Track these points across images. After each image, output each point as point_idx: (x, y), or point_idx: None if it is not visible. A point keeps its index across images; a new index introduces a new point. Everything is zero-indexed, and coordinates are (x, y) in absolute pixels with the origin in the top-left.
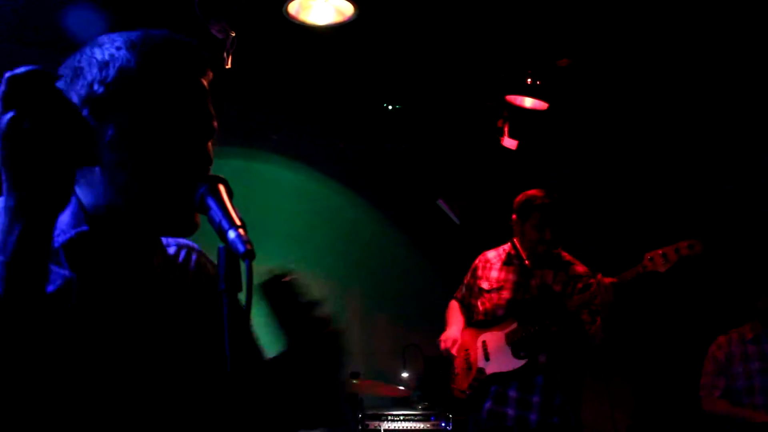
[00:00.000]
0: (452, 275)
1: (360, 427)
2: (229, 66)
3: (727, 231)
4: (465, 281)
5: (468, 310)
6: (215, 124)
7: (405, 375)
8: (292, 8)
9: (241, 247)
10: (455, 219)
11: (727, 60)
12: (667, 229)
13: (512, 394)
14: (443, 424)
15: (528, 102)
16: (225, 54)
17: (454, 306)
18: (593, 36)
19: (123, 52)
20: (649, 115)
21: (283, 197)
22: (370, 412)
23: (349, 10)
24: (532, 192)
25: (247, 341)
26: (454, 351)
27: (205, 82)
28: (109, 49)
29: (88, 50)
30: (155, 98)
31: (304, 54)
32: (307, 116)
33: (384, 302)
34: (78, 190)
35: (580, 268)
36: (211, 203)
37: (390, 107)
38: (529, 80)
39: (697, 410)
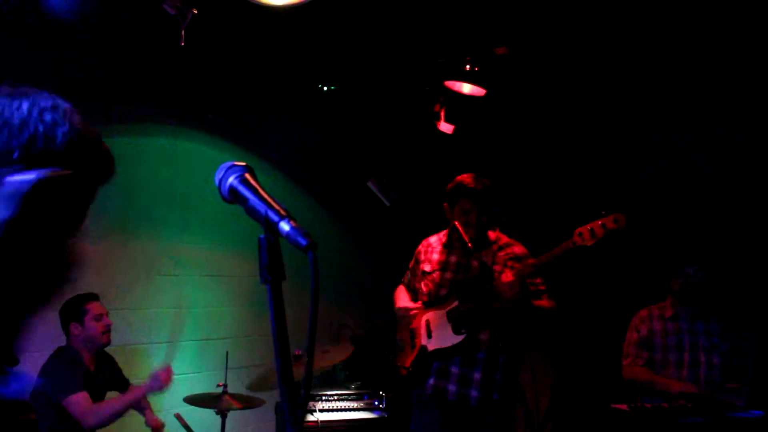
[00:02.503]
0: (383, 257)
1: None
2: (183, 43)
3: (648, 211)
4: (410, 266)
5: (414, 294)
6: None
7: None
8: None
9: (302, 241)
10: (385, 201)
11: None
12: (595, 207)
13: (454, 370)
14: (376, 403)
15: (466, 88)
16: (183, 32)
17: (400, 289)
18: (531, 25)
19: None
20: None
21: (211, 178)
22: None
23: None
24: (459, 178)
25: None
26: (413, 312)
27: None
28: None
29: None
30: None
31: (241, 32)
32: (233, 95)
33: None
34: None
35: (518, 249)
36: (247, 193)
37: (325, 88)
38: (467, 66)
39: (616, 379)
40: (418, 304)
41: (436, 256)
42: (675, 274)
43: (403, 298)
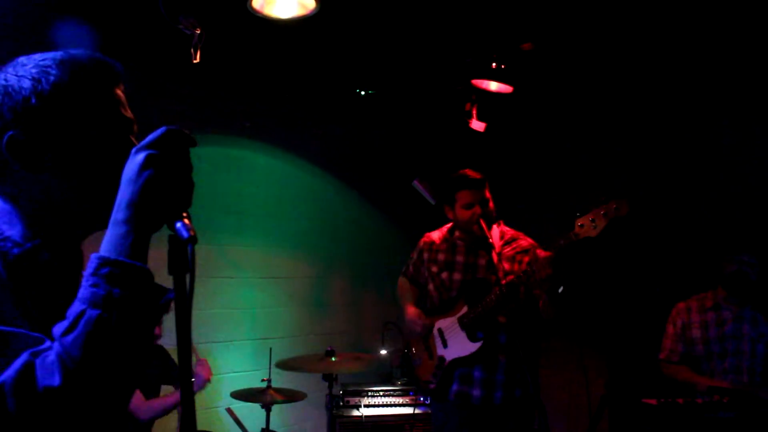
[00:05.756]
0: None
1: (341, 404)
2: (197, 60)
3: (699, 201)
4: (412, 258)
5: (419, 288)
6: (132, 124)
7: (383, 352)
8: (256, 3)
9: (185, 233)
10: (430, 200)
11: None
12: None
13: (477, 374)
14: (422, 398)
15: (493, 86)
16: (192, 49)
17: (402, 284)
18: (556, 20)
19: (54, 69)
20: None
21: (262, 183)
22: (351, 389)
23: (311, 3)
24: (455, 175)
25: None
26: (418, 327)
27: (119, 92)
28: (37, 67)
29: (11, 70)
30: (83, 106)
31: (280, 45)
32: (282, 103)
33: (368, 281)
34: (20, 199)
35: (525, 242)
36: None
37: (363, 93)
38: (494, 64)
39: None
40: (427, 321)
41: (442, 256)
42: (728, 260)
43: (408, 298)
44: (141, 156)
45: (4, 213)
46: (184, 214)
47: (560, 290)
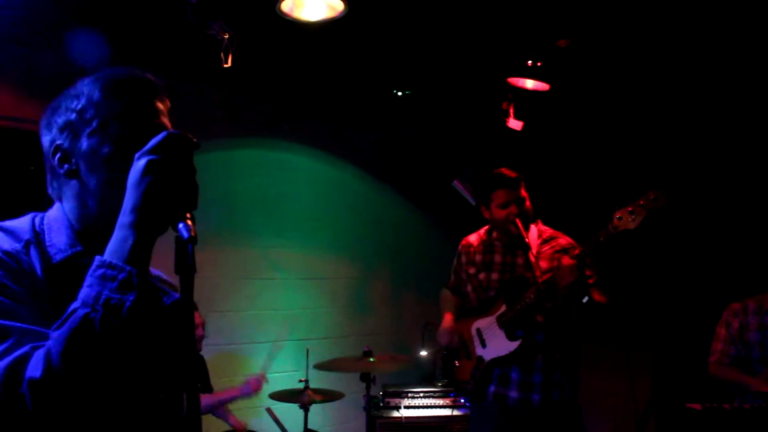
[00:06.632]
0: None
1: (381, 405)
2: (228, 65)
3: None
4: (454, 267)
5: (461, 297)
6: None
7: (423, 353)
8: (285, 6)
9: (185, 234)
10: (471, 200)
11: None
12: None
13: (515, 376)
14: (462, 400)
15: (530, 84)
16: (223, 54)
17: (444, 295)
18: (593, 15)
19: (89, 86)
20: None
21: (303, 184)
22: (390, 390)
23: (339, 5)
24: (490, 174)
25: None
26: (450, 341)
27: (158, 103)
28: (79, 87)
29: (65, 92)
30: (115, 117)
31: (317, 47)
32: (320, 106)
33: (408, 282)
34: (67, 208)
35: (563, 240)
36: None
37: (399, 93)
38: (530, 62)
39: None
40: (453, 331)
41: (479, 257)
42: None
43: (446, 308)
44: (143, 161)
45: (55, 221)
46: (188, 215)
47: (585, 300)
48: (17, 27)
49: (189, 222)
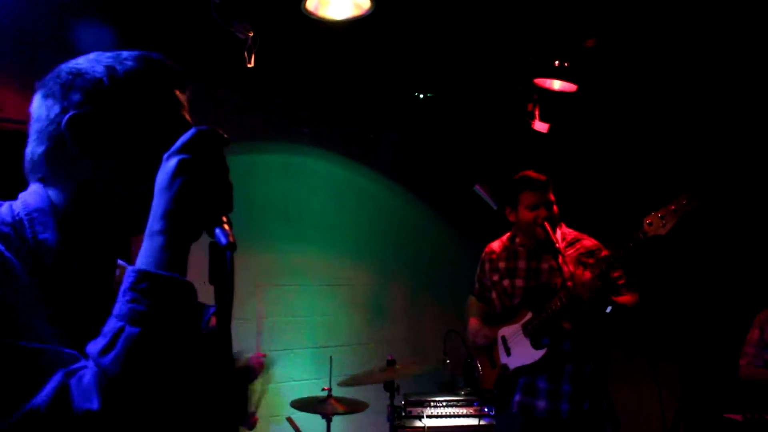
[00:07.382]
0: None
1: (403, 414)
2: (251, 65)
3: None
4: (477, 275)
5: (486, 304)
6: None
7: (447, 361)
8: (310, 5)
9: (223, 240)
10: (492, 204)
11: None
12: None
13: (542, 385)
14: (486, 409)
15: (556, 84)
16: (246, 53)
17: (471, 302)
18: (619, 15)
19: (128, 60)
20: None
21: (323, 189)
22: (412, 399)
23: (366, 3)
24: (517, 176)
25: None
26: (487, 338)
27: (178, 93)
28: (111, 58)
29: (82, 59)
30: (150, 97)
31: (337, 49)
32: (339, 110)
33: (429, 288)
34: (55, 191)
35: (588, 242)
36: None
37: (422, 96)
38: (556, 62)
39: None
40: (488, 331)
41: (502, 264)
42: None
43: (472, 313)
44: (173, 162)
45: (41, 213)
46: (224, 219)
47: (608, 310)
48: (20, 26)
49: (226, 227)
